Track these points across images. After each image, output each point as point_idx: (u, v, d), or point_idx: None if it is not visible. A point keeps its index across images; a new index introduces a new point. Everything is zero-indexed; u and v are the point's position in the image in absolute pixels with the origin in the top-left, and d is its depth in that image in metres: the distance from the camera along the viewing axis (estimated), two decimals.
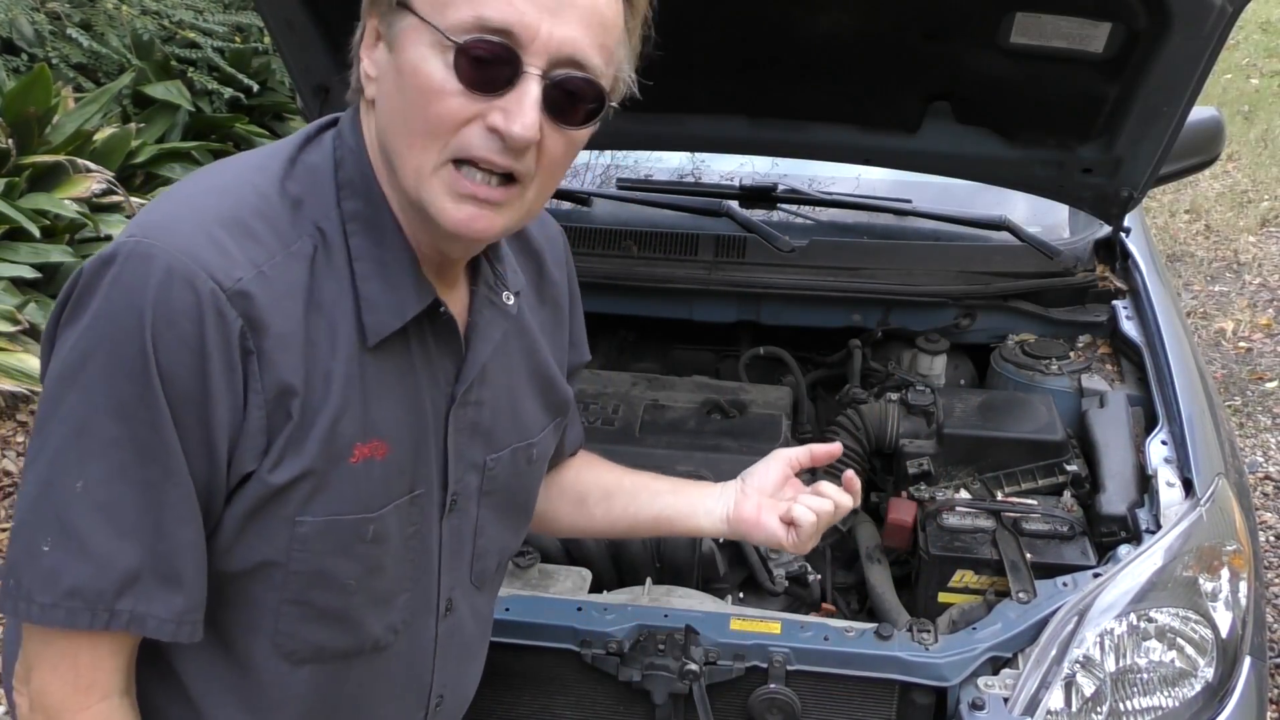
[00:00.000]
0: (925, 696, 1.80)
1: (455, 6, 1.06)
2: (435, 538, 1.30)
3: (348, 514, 1.17)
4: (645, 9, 1.18)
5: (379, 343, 1.16)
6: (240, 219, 1.10)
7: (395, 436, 1.20)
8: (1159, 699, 1.75)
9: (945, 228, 2.79)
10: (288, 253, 1.11)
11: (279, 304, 1.09)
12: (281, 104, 5.97)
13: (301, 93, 2.46)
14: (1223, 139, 2.98)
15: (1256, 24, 9.96)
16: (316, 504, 1.15)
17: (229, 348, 1.06)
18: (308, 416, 1.12)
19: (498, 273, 1.30)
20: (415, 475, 1.24)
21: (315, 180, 1.17)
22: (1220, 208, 6.79)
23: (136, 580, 1.08)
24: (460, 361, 1.26)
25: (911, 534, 2.10)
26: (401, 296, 1.17)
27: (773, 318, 2.69)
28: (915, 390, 2.36)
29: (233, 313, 1.06)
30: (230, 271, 1.06)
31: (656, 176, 3.09)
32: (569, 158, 1.17)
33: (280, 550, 1.15)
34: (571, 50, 1.07)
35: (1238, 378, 4.90)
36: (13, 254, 4.03)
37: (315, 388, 1.12)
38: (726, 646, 1.80)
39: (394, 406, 1.19)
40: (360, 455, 1.16)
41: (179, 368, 1.05)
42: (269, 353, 1.08)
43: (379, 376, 1.17)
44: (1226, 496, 1.95)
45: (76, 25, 5.16)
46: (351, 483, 1.17)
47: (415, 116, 1.09)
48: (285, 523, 1.14)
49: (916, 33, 2.20)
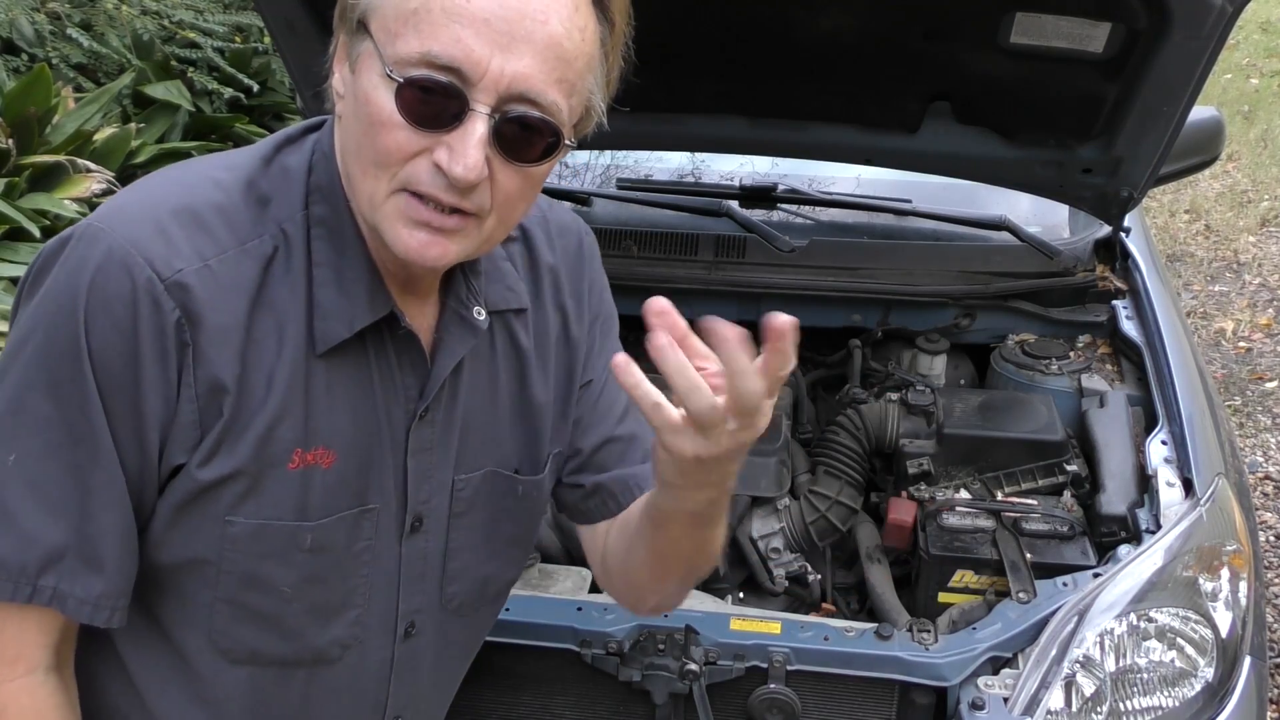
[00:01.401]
0: (925, 696, 1.80)
1: (404, 39, 1.03)
2: (394, 557, 1.26)
3: (282, 519, 1.15)
4: (625, 29, 1.14)
5: (333, 351, 1.14)
6: (195, 210, 1.09)
7: (344, 447, 1.17)
8: (1159, 699, 1.75)
9: (945, 228, 2.79)
10: (241, 249, 1.10)
11: (222, 299, 1.08)
12: (281, 104, 5.96)
13: (301, 93, 2.46)
14: (1223, 139, 2.98)
15: (1256, 24, 9.96)
16: (248, 505, 1.13)
17: (163, 337, 1.06)
18: (242, 417, 1.10)
19: (472, 288, 1.25)
20: (366, 489, 1.21)
21: (287, 181, 1.15)
22: (1220, 208, 6.79)
23: (61, 558, 1.09)
24: (425, 378, 1.22)
25: (911, 534, 2.10)
26: (354, 306, 1.15)
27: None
28: (915, 390, 2.36)
29: (170, 302, 1.05)
30: (170, 261, 1.06)
31: (656, 176, 3.09)
32: (528, 193, 1.13)
33: (212, 548, 1.14)
34: (524, 86, 1.03)
35: (1238, 378, 4.90)
36: (13, 254, 4.02)
37: (253, 388, 1.11)
38: (726, 646, 1.80)
39: (344, 417, 1.17)
40: (300, 462, 1.14)
41: (110, 352, 1.05)
42: (204, 347, 1.07)
43: (329, 385, 1.15)
44: (1226, 496, 1.95)
45: (76, 25, 5.15)
46: (288, 488, 1.15)
47: (367, 145, 1.07)
48: (216, 521, 1.13)
49: (916, 33, 2.20)
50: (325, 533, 1.18)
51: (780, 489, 2.20)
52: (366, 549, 1.22)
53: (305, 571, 1.19)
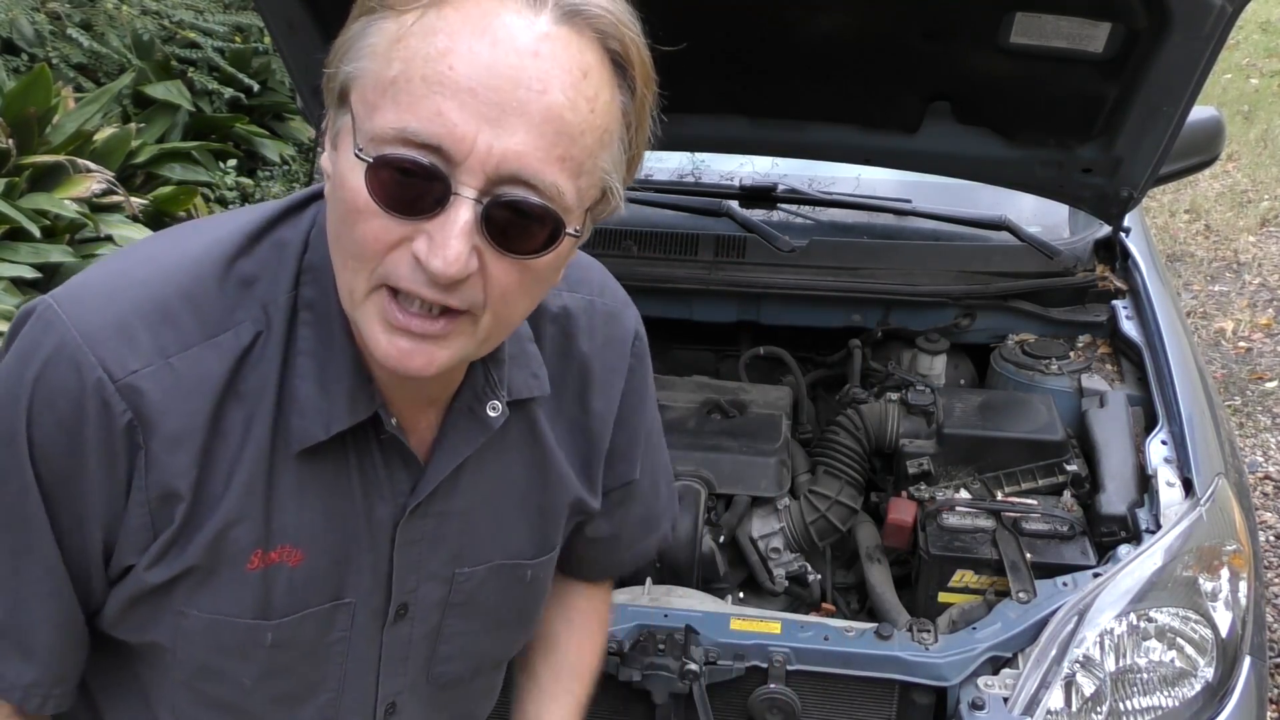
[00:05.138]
0: (925, 696, 1.80)
1: (381, 112, 0.90)
2: (374, 645, 1.18)
3: (239, 617, 1.08)
4: (648, 93, 0.98)
5: (307, 451, 1.05)
6: (161, 301, 1.00)
7: (314, 546, 1.09)
8: (1159, 699, 1.75)
9: (945, 228, 2.79)
10: (207, 344, 1.01)
11: (181, 400, 1.00)
12: (281, 104, 5.97)
13: (301, 93, 2.46)
14: (1223, 139, 2.98)
15: (1256, 24, 9.95)
16: (202, 600, 1.07)
17: (111, 438, 0.99)
18: (194, 520, 1.03)
19: (491, 379, 1.12)
20: (342, 584, 1.12)
21: (280, 258, 1.05)
22: (1220, 208, 6.79)
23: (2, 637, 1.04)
24: (419, 473, 1.12)
25: (911, 534, 2.10)
26: (333, 406, 1.04)
27: (773, 318, 2.69)
28: (915, 390, 2.36)
29: (120, 405, 0.98)
30: (125, 362, 0.98)
31: (656, 176, 3.09)
32: (531, 288, 0.99)
33: (166, 636, 1.09)
34: (517, 167, 0.89)
35: (1238, 378, 4.90)
36: (13, 254, 4.02)
37: (209, 490, 1.03)
38: (726, 646, 1.80)
39: (315, 515, 1.08)
40: (262, 562, 1.07)
41: (53, 447, 0.99)
42: (157, 452, 1.00)
43: (300, 483, 1.06)
44: (1226, 496, 1.95)
45: (76, 25, 5.16)
46: (246, 588, 1.07)
47: (344, 234, 0.94)
48: (171, 612, 1.07)
49: (916, 33, 2.20)
50: (290, 629, 1.11)
51: (780, 489, 2.20)
52: (340, 639, 1.15)
53: (267, 666, 1.12)
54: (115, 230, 4.35)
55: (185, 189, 4.80)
